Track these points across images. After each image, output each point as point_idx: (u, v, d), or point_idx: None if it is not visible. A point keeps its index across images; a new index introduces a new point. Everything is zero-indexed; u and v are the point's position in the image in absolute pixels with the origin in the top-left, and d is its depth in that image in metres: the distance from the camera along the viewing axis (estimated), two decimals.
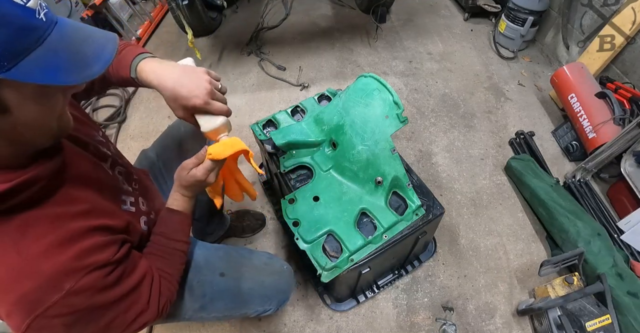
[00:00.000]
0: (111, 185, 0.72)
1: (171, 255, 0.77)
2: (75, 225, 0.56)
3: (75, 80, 0.46)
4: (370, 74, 1.05)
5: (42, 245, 0.51)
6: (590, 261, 1.26)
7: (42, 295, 0.51)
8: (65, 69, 0.45)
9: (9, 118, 0.45)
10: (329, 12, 2.66)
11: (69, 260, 0.52)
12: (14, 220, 0.51)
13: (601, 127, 1.58)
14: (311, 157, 1.14)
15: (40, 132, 0.52)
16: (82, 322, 0.56)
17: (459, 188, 1.67)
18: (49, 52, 0.43)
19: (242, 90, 2.10)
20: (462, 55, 2.33)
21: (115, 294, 0.60)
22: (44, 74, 0.43)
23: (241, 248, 1.01)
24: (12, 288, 0.50)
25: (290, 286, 1.00)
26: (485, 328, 1.29)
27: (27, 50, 0.42)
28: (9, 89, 0.43)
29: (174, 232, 0.78)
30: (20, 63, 0.41)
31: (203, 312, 0.89)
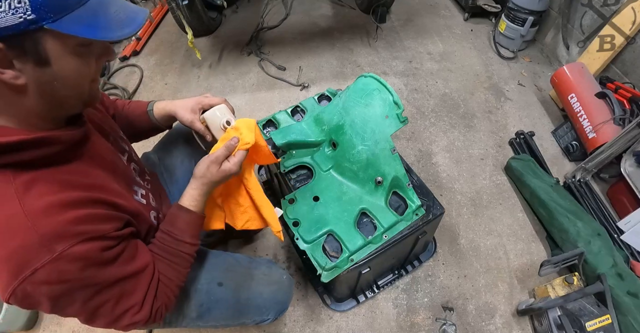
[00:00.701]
0: (124, 173, 0.74)
1: (176, 257, 0.73)
2: (82, 193, 0.56)
3: (112, 37, 0.51)
4: (370, 74, 1.05)
5: (44, 203, 0.51)
6: (590, 261, 1.26)
7: (32, 254, 0.50)
8: (102, 27, 0.50)
9: (48, 70, 0.50)
10: (329, 12, 2.66)
11: (66, 222, 0.52)
12: (23, 175, 0.52)
13: (601, 127, 1.58)
14: (311, 157, 1.14)
15: (74, 92, 0.56)
16: (68, 297, 0.55)
17: (459, 188, 1.67)
18: (90, 11, 0.49)
19: (242, 90, 2.10)
20: (462, 55, 2.33)
21: (109, 275, 0.58)
22: (84, 29, 0.48)
23: (240, 256, 0.99)
24: (4, 241, 0.49)
25: (289, 296, 0.98)
26: (485, 328, 1.29)
27: (70, 8, 0.47)
28: (52, 41, 0.48)
29: (183, 233, 0.74)
30: (64, 18, 0.47)
31: (200, 321, 0.88)
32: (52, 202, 0.52)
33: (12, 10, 0.43)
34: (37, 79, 0.50)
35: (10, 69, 0.47)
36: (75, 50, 0.51)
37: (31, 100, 0.52)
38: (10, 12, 0.43)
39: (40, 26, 0.45)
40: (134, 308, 0.62)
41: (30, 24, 0.45)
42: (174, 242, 0.73)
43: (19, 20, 0.44)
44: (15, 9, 0.43)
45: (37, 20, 0.45)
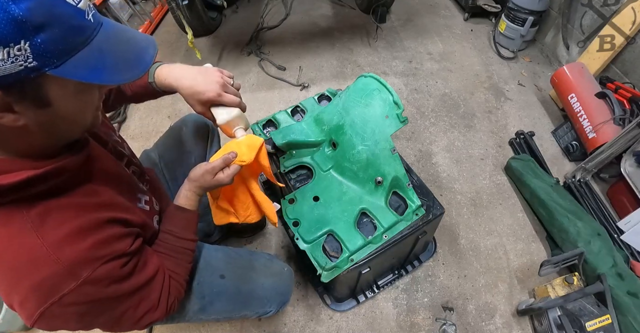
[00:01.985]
0: (128, 182, 0.75)
1: (180, 253, 0.77)
2: (95, 215, 0.57)
3: (118, 80, 0.48)
4: (370, 74, 1.05)
5: (62, 232, 0.52)
6: (590, 261, 1.26)
7: (58, 282, 0.51)
8: (109, 68, 0.47)
9: (50, 111, 0.47)
10: (329, 12, 2.66)
11: (87, 248, 0.53)
12: (37, 207, 0.51)
13: (601, 127, 1.58)
14: (311, 157, 1.14)
15: (76, 125, 0.55)
16: (94, 313, 0.57)
17: (459, 188, 1.66)
18: (95, 52, 0.46)
19: (242, 90, 2.07)
20: (462, 55, 2.33)
21: (129, 286, 0.60)
22: (89, 73, 0.45)
23: (241, 250, 1.01)
24: (30, 274, 0.50)
25: (290, 288, 1.00)
26: (485, 328, 1.29)
27: (75, 49, 0.44)
28: (54, 85, 0.45)
29: (184, 230, 0.78)
30: (68, 61, 0.43)
31: (202, 314, 0.89)
32: (71, 230, 0.53)
33: (12, 59, 0.39)
34: (38, 119, 0.48)
35: (9, 113, 0.45)
36: (77, 89, 0.49)
37: (31, 137, 0.50)
38: (9, 60, 0.39)
39: (43, 73, 0.42)
40: (152, 309, 0.66)
41: (31, 71, 0.41)
42: (176, 240, 0.77)
43: (19, 68, 0.40)
44: (15, 56, 0.39)
45: (39, 68, 0.42)
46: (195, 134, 1.14)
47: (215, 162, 0.80)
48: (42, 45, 0.40)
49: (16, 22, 0.38)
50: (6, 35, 0.38)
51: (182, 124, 1.14)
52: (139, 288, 0.63)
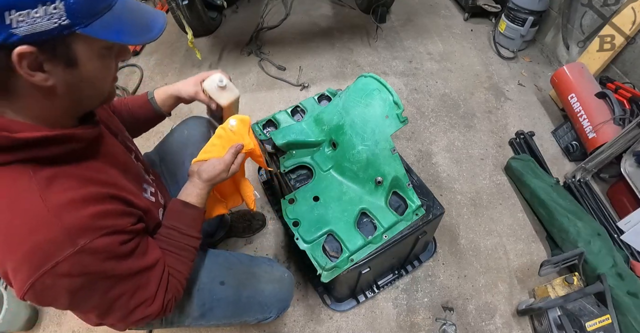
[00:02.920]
0: (136, 172, 0.76)
1: (184, 250, 0.75)
2: (99, 189, 0.58)
3: (136, 41, 0.55)
4: (370, 74, 1.05)
5: (66, 197, 0.52)
6: (590, 261, 1.26)
7: (55, 246, 0.50)
8: (127, 31, 0.53)
9: (76, 72, 0.52)
10: (329, 12, 2.66)
11: (88, 216, 0.53)
12: (44, 171, 0.53)
13: (601, 127, 1.58)
14: (311, 157, 1.14)
15: (97, 91, 0.59)
16: (86, 290, 0.56)
17: (459, 188, 1.67)
18: (115, 17, 0.52)
19: (242, 90, 2.09)
20: (462, 55, 2.33)
21: (127, 267, 0.59)
22: (112, 34, 0.51)
23: (241, 255, 0.99)
24: (28, 236, 0.50)
25: (291, 294, 0.99)
26: (485, 328, 1.29)
27: (100, 13, 0.50)
28: (82, 45, 0.50)
29: (189, 227, 0.77)
30: (95, 22, 0.49)
31: (202, 320, 0.89)
32: (74, 197, 0.53)
33: (48, 16, 0.44)
34: (65, 80, 0.52)
35: (39, 72, 0.48)
36: (100, 53, 0.54)
37: (56, 100, 0.54)
38: (46, 17, 0.44)
39: (73, 31, 0.47)
40: (148, 301, 0.64)
41: (64, 29, 0.46)
42: (182, 237, 0.75)
43: (53, 25, 0.45)
44: (51, 14, 0.44)
45: (71, 26, 0.47)
46: (197, 136, 1.13)
47: (226, 157, 0.82)
48: (74, 5, 0.46)
49: None
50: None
51: (184, 127, 1.14)
52: (137, 273, 0.61)
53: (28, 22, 0.43)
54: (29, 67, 0.46)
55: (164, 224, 0.76)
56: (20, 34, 0.44)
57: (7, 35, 0.43)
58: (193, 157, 1.07)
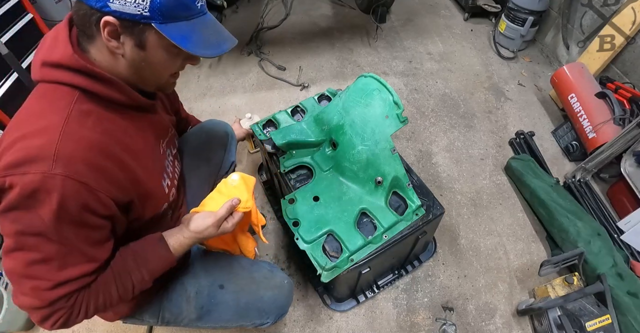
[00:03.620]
0: (160, 160, 0.81)
1: (123, 281, 0.67)
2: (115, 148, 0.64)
3: (194, 52, 0.62)
4: (370, 74, 1.05)
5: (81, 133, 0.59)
6: (590, 261, 1.26)
7: (36, 158, 0.54)
8: (193, 42, 0.62)
9: (142, 53, 0.62)
10: (329, 12, 2.66)
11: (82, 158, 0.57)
12: (86, 104, 0.61)
13: (601, 127, 1.58)
14: (311, 157, 1.14)
15: (154, 76, 0.69)
16: (17, 215, 0.54)
17: (459, 188, 1.66)
18: (190, 27, 0.62)
19: (242, 90, 2.09)
20: (462, 55, 2.33)
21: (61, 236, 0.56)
22: (178, 38, 0.60)
23: (243, 259, 0.98)
24: (29, 139, 0.55)
25: (290, 300, 0.98)
26: (485, 328, 1.29)
27: (177, 18, 0.60)
28: (153, 35, 0.60)
29: (147, 263, 0.69)
30: (170, 24, 0.59)
31: (199, 322, 0.89)
32: (87, 137, 0.59)
33: (135, 4, 0.56)
34: (131, 55, 0.62)
35: (116, 41, 0.59)
36: (168, 48, 0.63)
37: (121, 66, 0.64)
38: (133, 4, 0.56)
39: (149, 23, 0.58)
40: (44, 284, 0.57)
41: (143, 18, 0.57)
42: (132, 265, 0.68)
43: (137, 12, 0.56)
44: (138, 4, 0.56)
45: (149, 18, 0.57)
46: (212, 140, 1.13)
47: (219, 211, 0.75)
48: (158, 5, 0.57)
49: None
50: None
51: (200, 130, 1.14)
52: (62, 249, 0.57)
53: (121, 2, 0.55)
54: (108, 34, 0.58)
55: (129, 245, 0.71)
56: (112, 8, 0.55)
57: (103, 4, 0.55)
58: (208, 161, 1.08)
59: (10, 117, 1.46)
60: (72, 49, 0.60)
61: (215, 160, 1.12)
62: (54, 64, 0.59)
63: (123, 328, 1.25)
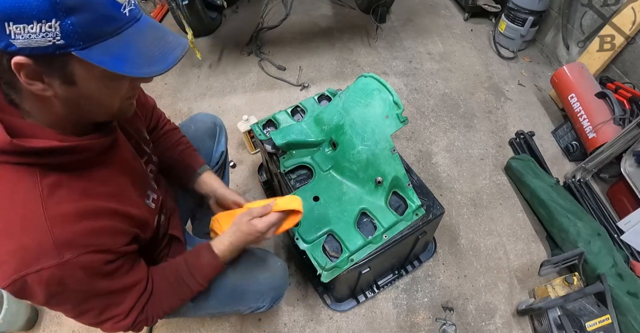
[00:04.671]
0: (141, 177, 0.76)
1: (179, 287, 0.75)
2: (100, 203, 0.58)
3: (137, 74, 0.50)
4: (370, 74, 1.05)
5: (64, 209, 0.54)
6: (590, 261, 1.26)
7: (42, 253, 0.52)
8: (131, 61, 0.49)
9: (74, 89, 0.51)
10: (329, 12, 2.66)
11: (80, 232, 0.55)
12: (50, 177, 0.54)
13: (601, 127, 1.58)
14: (311, 157, 1.14)
15: (100, 108, 0.57)
16: (61, 298, 0.57)
17: (459, 188, 1.66)
18: (121, 44, 0.48)
19: (242, 90, 2.10)
20: (462, 55, 2.33)
21: (105, 285, 0.61)
22: (111, 61, 0.47)
23: None
24: (20, 235, 0.52)
25: (284, 283, 0.99)
26: (485, 328, 1.29)
27: (102, 37, 0.47)
28: (79, 66, 0.48)
29: (199, 271, 0.77)
30: (94, 46, 0.46)
31: (196, 309, 0.89)
32: (71, 210, 0.54)
33: (42, 33, 0.43)
34: (63, 94, 0.51)
35: (39, 82, 0.48)
36: (103, 76, 0.51)
37: (58, 110, 0.54)
38: (40, 34, 0.43)
39: (68, 52, 0.45)
40: (118, 317, 0.65)
41: (58, 48, 0.45)
42: (186, 274, 0.75)
43: (47, 43, 0.44)
44: (46, 32, 0.43)
45: (65, 46, 0.45)
46: (202, 132, 1.13)
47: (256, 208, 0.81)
48: (71, 27, 0.43)
49: (50, 1, 0.41)
50: (40, 12, 0.42)
51: (190, 123, 1.14)
52: (113, 292, 0.63)
53: (24, 36, 0.43)
54: (27, 77, 0.47)
55: (183, 255, 0.79)
56: (17, 46, 0.44)
57: (6, 44, 0.44)
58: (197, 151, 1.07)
59: None
60: (8, 127, 0.50)
61: (205, 151, 1.12)
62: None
63: None
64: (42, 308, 1.30)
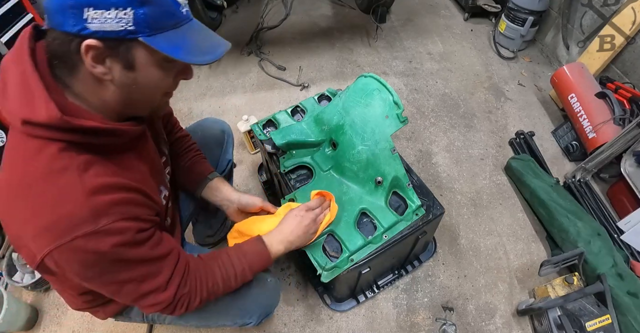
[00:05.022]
0: (159, 172, 0.79)
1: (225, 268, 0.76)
2: (128, 182, 0.62)
3: (191, 60, 0.58)
4: (370, 74, 1.05)
5: (99, 182, 0.56)
6: (590, 261, 1.26)
7: (78, 221, 0.53)
8: (186, 50, 0.57)
9: (132, 75, 0.57)
10: (329, 12, 2.66)
11: (113, 201, 0.57)
12: (85, 155, 0.57)
13: (601, 127, 1.58)
14: (311, 157, 1.14)
15: (146, 98, 0.64)
16: (97, 268, 0.58)
17: (459, 188, 1.67)
18: (179, 36, 0.57)
19: (242, 90, 2.10)
20: (462, 55, 2.33)
21: (139, 254, 0.61)
22: (170, 48, 0.55)
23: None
24: (57, 205, 0.53)
25: (275, 300, 0.97)
26: (485, 328, 1.29)
27: (164, 28, 0.55)
28: (141, 51, 0.55)
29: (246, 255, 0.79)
30: (157, 35, 0.54)
31: (180, 320, 0.90)
32: (105, 183, 0.57)
33: (117, 19, 0.50)
34: (120, 79, 0.57)
35: (101, 65, 0.54)
36: (159, 64, 0.58)
37: (110, 95, 0.59)
38: (115, 20, 0.50)
39: (136, 37, 0.53)
40: (159, 290, 0.65)
41: (128, 33, 0.52)
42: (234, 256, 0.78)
43: (120, 28, 0.51)
44: (120, 19, 0.50)
45: (135, 32, 0.52)
46: (210, 140, 1.13)
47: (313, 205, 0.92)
48: (142, 16, 0.52)
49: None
50: (119, 0, 0.50)
51: (197, 128, 1.14)
52: (148, 260, 0.63)
53: (100, 20, 0.50)
54: (92, 59, 0.53)
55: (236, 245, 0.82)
56: (91, 29, 0.50)
57: (82, 27, 0.50)
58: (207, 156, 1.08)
59: None
60: (59, 104, 0.53)
61: (211, 159, 1.11)
62: (40, 124, 0.53)
63: (123, 328, 1.25)
64: (42, 308, 1.31)
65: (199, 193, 1.00)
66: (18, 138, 0.56)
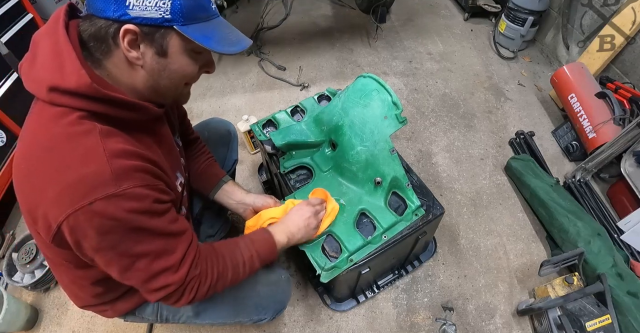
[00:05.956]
0: (176, 157, 0.82)
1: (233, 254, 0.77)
2: (148, 153, 0.63)
3: (220, 50, 0.62)
4: (369, 75, 1.05)
5: (120, 147, 0.57)
6: (590, 261, 1.26)
7: (99, 183, 0.54)
8: (215, 41, 0.62)
9: (163, 61, 0.62)
10: (329, 12, 2.67)
11: (136, 167, 0.58)
12: (105, 126, 0.58)
13: (601, 127, 1.58)
14: (311, 157, 1.14)
15: (172, 85, 0.67)
16: (114, 236, 0.57)
17: (459, 188, 1.66)
18: (209, 28, 0.62)
19: (242, 90, 2.10)
20: (462, 55, 2.33)
21: (156, 225, 0.61)
22: (201, 38, 0.60)
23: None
24: (79, 169, 0.54)
25: (287, 296, 0.98)
26: (485, 328, 1.29)
27: (196, 20, 0.60)
28: (175, 39, 0.60)
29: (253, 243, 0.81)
30: (191, 25, 0.59)
31: (196, 319, 0.90)
32: (127, 149, 0.58)
33: (156, 7, 0.55)
34: (151, 64, 0.61)
35: (136, 50, 0.58)
36: (188, 53, 0.63)
37: (139, 79, 0.62)
38: (154, 8, 0.55)
39: (171, 25, 0.58)
40: (171, 269, 0.64)
41: (165, 21, 0.57)
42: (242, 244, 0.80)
43: (158, 15, 0.56)
44: (159, 7, 0.55)
45: (171, 20, 0.57)
46: (216, 140, 1.15)
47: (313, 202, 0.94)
48: (179, 6, 0.56)
49: None
50: None
51: (204, 129, 1.15)
52: (165, 234, 0.62)
53: (140, 7, 0.55)
54: (129, 43, 0.57)
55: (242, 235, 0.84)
56: (131, 15, 0.55)
57: (122, 13, 0.55)
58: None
59: (10, 117, 1.47)
60: (88, 75, 0.55)
61: (218, 159, 1.13)
62: (68, 91, 0.54)
63: (123, 328, 1.25)
64: (42, 308, 1.31)
65: (212, 196, 1.02)
66: (40, 107, 0.58)
